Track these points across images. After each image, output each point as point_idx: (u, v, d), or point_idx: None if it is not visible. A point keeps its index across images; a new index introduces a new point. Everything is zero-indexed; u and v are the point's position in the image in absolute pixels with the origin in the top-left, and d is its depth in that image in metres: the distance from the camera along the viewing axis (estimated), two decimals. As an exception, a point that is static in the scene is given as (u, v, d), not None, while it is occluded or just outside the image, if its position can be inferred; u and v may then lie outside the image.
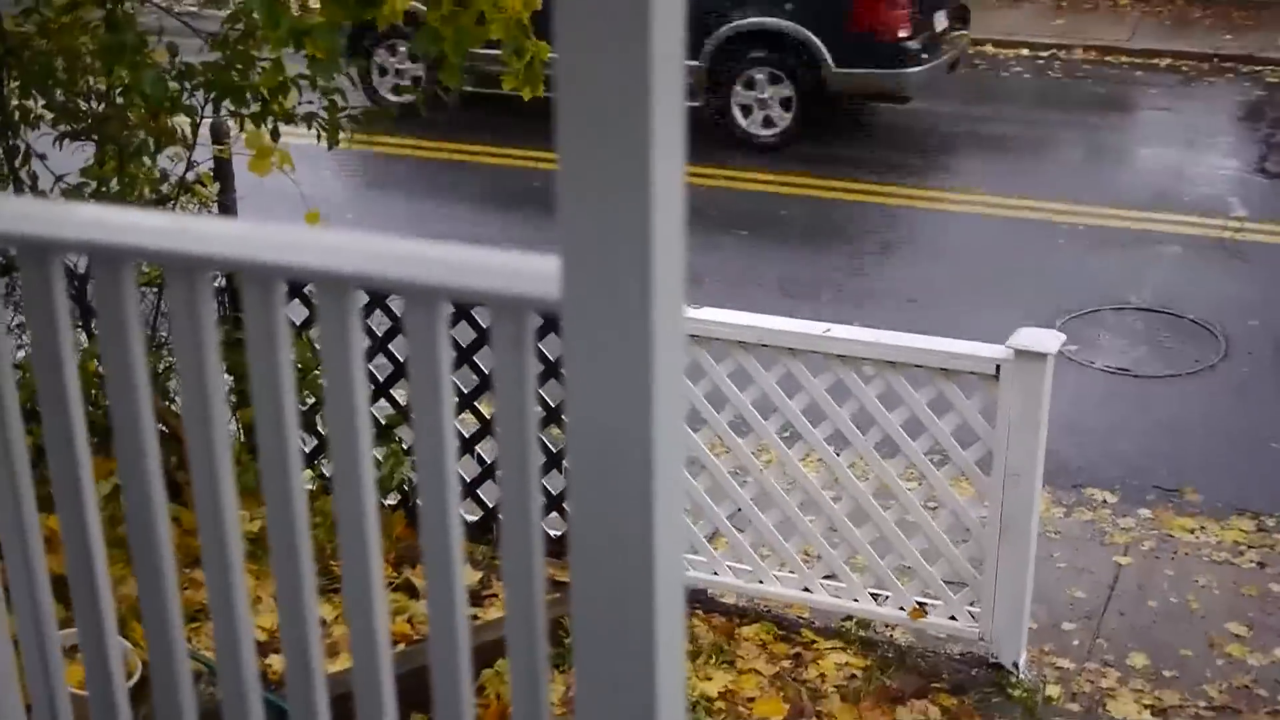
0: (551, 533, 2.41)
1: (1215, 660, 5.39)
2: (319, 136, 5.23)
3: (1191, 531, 6.47)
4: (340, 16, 4.44)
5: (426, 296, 1.39)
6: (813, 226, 10.27)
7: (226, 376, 4.26)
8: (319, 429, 5.32)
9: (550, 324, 1.31)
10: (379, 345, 5.47)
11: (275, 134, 5.03)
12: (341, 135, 5.20)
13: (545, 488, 1.47)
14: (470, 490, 5.61)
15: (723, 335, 5.00)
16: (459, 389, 5.30)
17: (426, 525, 1.45)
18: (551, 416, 5.28)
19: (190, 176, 5.45)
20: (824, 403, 4.96)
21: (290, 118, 5.05)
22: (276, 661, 4.25)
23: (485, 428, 5.53)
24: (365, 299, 1.95)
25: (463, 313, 5.01)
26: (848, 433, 4.98)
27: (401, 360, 5.40)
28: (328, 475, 5.38)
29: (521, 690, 1.44)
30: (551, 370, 4.90)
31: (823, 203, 10.77)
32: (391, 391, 5.60)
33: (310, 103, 5.10)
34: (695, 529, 5.34)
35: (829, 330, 4.91)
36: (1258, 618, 5.70)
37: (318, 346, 4.81)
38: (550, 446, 5.21)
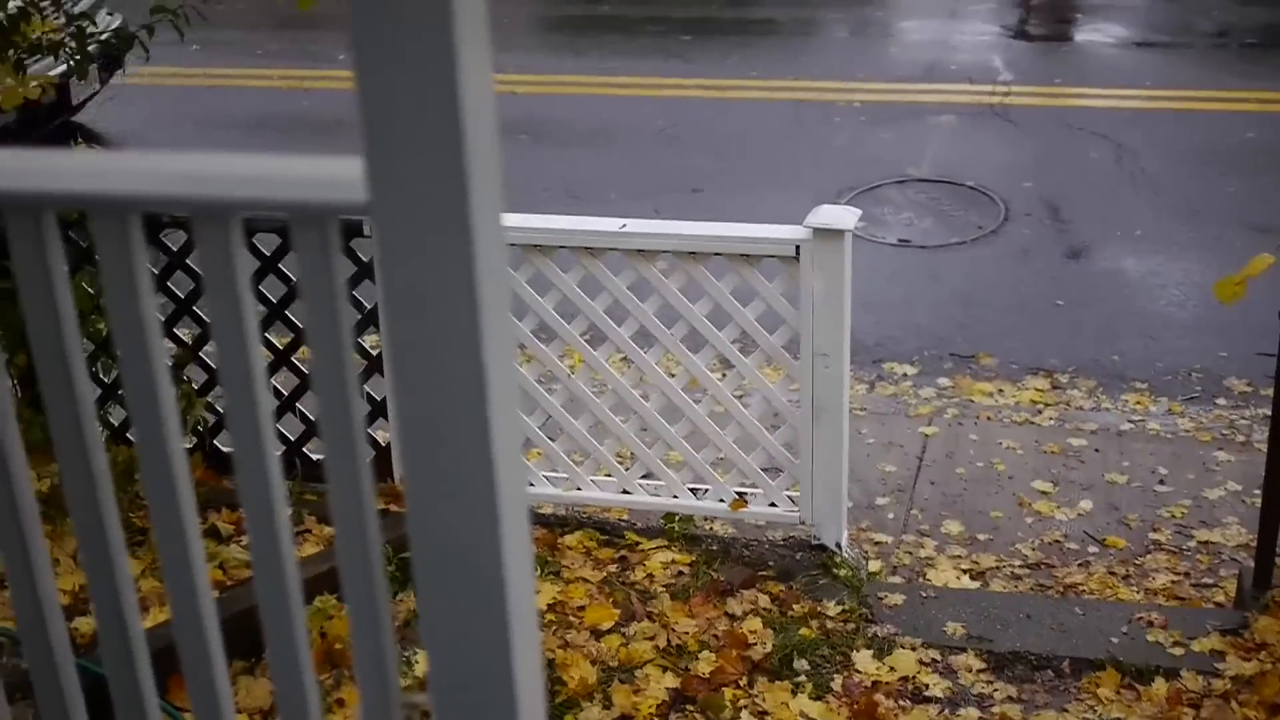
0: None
1: (1025, 519, 5.50)
2: (68, 66, 4.90)
3: (990, 395, 6.60)
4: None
5: (219, 212, 1.25)
6: (588, 126, 10.13)
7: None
8: (100, 375, 5.02)
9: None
10: (157, 279, 5.16)
11: (19, 66, 4.68)
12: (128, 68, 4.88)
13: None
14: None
15: (518, 240, 4.85)
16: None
17: (241, 457, 1.33)
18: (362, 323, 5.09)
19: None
20: (626, 300, 4.86)
21: (36, 48, 4.71)
22: (82, 624, 4.02)
23: (278, 358, 5.25)
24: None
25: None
26: (653, 329, 4.90)
27: (182, 296, 5.13)
28: (113, 423, 5.13)
29: (361, 616, 1.32)
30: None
31: (593, 100, 10.63)
32: (176, 330, 5.30)
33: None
34: (506, 441, 5.21)
35: (625, 225, 4.79)
36: (1061, 473, 5.83)
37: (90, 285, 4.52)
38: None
